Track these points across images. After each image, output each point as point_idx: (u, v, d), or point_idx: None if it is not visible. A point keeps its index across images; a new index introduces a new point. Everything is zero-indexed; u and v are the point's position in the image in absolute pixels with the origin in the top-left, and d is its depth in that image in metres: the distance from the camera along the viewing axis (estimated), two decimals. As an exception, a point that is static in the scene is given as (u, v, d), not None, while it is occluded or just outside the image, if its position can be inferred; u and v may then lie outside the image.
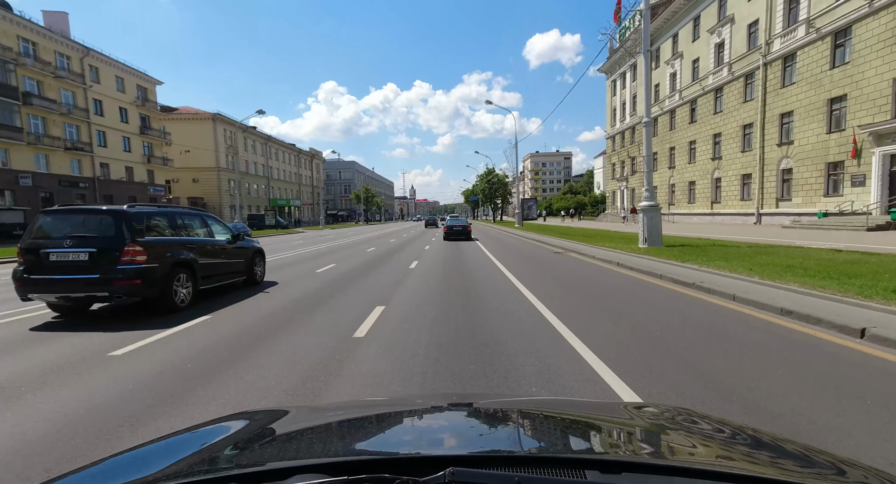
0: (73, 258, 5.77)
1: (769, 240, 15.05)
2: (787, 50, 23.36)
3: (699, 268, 8.86)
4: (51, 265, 5.75)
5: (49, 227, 6.03)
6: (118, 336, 5.07)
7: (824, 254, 10.28)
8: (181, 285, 6.53)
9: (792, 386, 3.23)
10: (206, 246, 7.48)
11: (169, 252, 6.45)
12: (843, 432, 2.55)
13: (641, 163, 41.67)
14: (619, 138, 47.84)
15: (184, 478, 0.72)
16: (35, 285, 5.77)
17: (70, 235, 5.85)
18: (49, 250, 5.77)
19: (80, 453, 2.49)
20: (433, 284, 8.83)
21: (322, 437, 1.06)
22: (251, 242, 9.07)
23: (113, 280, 5.71)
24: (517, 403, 1.51)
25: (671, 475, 0.69)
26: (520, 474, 0.66)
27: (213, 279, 7.50)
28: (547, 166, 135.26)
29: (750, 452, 0.91)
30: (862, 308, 5.10)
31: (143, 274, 5.89)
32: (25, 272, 5.81)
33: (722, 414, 2.35)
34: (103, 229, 5.96)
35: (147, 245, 6.09)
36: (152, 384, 3.56)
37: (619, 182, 47.95)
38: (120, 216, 6.01)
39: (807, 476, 0.80)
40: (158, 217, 6.71)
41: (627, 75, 44.29)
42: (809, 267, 7.97)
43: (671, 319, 5.40)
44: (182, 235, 7.02)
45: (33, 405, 3.21)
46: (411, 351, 4.29)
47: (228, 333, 5.15)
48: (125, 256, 5.83)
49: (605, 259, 12.17)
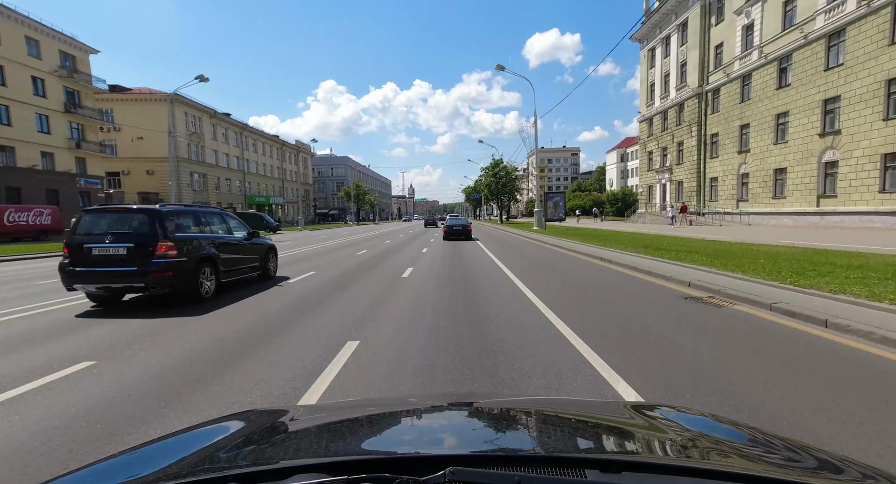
0: (113, 252, 6.40)
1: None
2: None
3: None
4: (93, 259, 6.36)
5: (90, 224, 6.62)
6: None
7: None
8: (206, 278, 7.10)
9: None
10: (227, 242, 7.97)
11: (195, 247, 7.01)
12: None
13: (693, 149, 32.85)
14: (658, 120, 38.94)
15: (184, 478, 0.73)
16: (79, 277, 6.34)
17: (110, 232, 6.50)
18: (91, 245, 6.40)
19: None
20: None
21: (322, 436, 1.06)
22: (265, 240, 9.49)
23: (148, 272, 6.30)
24: (517, 402, 1.55)
25: (671, 474, 0.69)
26: (520, 474, 0.66)
27: (233, 273, 8.01)
28: (553, 163, 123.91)
29: (750, 452, 0.91)
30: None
31: (173, 267, 6.46)
32: (70, 265, 6.38)
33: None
34: (139, 226, 6.57)
35: (177, 241, 6.64)
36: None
37: (660, 174, 39.04)
38: (154, 215, 6.64)
39: (807, 475, 0.80)
40: (185, 215, 7.32)
41: (673, 40, 35.41)
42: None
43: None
44: (205, 232, 7.56)
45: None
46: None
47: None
48: (158, 251, 6.42)
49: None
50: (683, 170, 34.94)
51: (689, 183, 34.00)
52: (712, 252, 11.11)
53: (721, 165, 30.37)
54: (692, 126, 33.03)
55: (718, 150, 30.77)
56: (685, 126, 34.06)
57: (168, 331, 5.15)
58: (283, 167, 70.42)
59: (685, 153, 34.47)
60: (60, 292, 7.15)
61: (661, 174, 38.70)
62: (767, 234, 17.91)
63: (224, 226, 8.20)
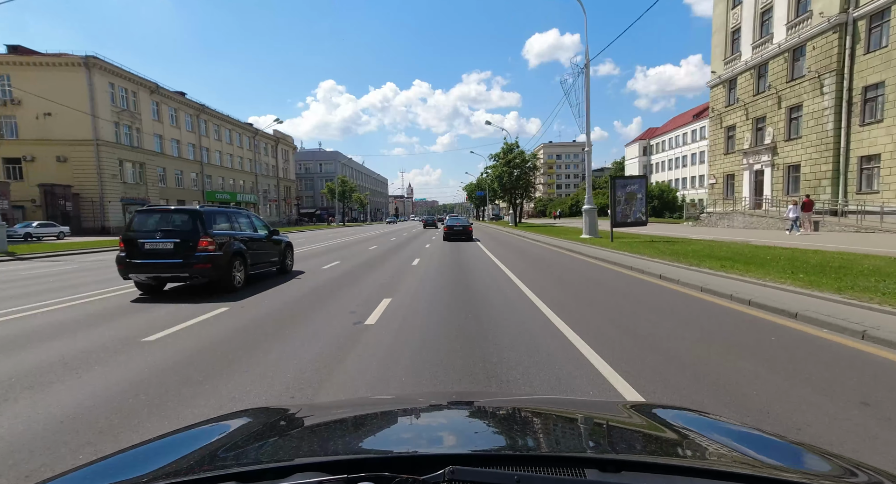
0: (163, 247, 7.37)
1: None
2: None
3: None
4: (145, 252, 7.35)
5: (142, 222, 7.66)
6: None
7: None
8: (237, 270, 8.02)
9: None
10: (253, 239, 8.90)
11: (229, 243, 7.94)
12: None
13: (824, 113, 21.27)
14: (748, 79, 27.22)
15: (183, 476, 0.72)
16: (134, 268, 7.31)
17: (159, 229, 7.51)
18: (143, 240, 7.37)
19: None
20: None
21: (322, 435, 1.06)
22: (283, 237, 10.36)
23: (192, 264, 7.25)
24: (517, 401, 1.53)
25: (671, 474, 0.69)
26: (520, 473, 0.65)
27: (258, 267, 8.91)
28: (562, 158, 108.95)
29: (750, 452, 0.88)
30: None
31: (212, 260, 7.41)
32: (126, 257, 7.34)
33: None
34: (183, 224, 7.56)
35: (215, 237, 7.62)
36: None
37: (751, 156, 27.34)
38: (195, 214, 7.66)
39: (807, 476, 0.79)
40: (220, 215, 8.34)
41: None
42: None
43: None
44: (236, 230, 8.49)
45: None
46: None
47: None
48: (200, 246, 7.38)
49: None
50: (801, 147, 23.35)
51: (815, 166, 22.42)
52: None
53: (887, 135, 18.84)
54: (823, 77, 21.47)
55: (881, 111, 19.23)
56: (808, 79, 22.45)
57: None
58: (257, 160, 59.52)
59: (806, 121, 22.86)
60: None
61: (755, 156, 27.04)
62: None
63: (250, 224, 9.18)
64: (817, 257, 9.53)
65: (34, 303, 6.87)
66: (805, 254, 10.35)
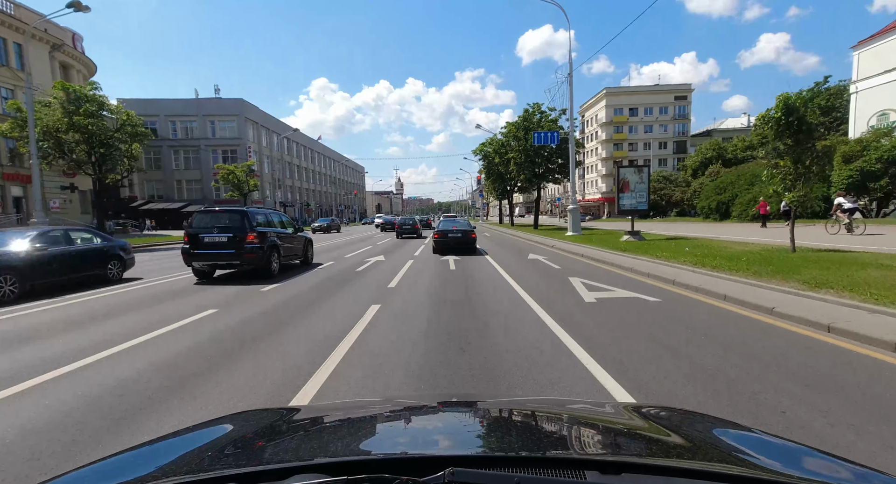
0: (218, 240, 9.33)
1: None
2: None
3: None
4: (205, 244, 9.34)
5: (201, 220, 9.69)
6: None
7: None
8: (274, 260, 10.01)
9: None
10: (283, 234, 10.83)
11: (268, 237, 9.88)
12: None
13: None
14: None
15: (182, 477, 0.72)
16: (196, 257, 9.42)
17: (215, 225, 9.48)
18: (203, 235, 9.37)
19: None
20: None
21: (322, 437, 1.05)
22: (305, 234, 12.48)
23: (242, 254, 9.27)
24: (517, 403, 1.54)
25: (670, 476, 0.68)
26: (519, 475, 0.66)
27: (287, 258, 10.95)
28: (637, 115, 68.35)
29: (749, 453, 0.89)
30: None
31: (256, 251, 9.39)
32: (190, 248, 9.37)
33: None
34: (234, 222, 9.47)
35: (258, 233, 9.53)
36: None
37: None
38: (244, 214, 9.64)
39: (807, 476, 0.78)
40: (260, 214, 10.27)
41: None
42: None
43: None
44: (271, 227, 10.34)
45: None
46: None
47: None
48: (248, 239, 9.29)
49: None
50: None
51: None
52: None
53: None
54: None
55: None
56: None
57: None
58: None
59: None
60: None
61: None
62: None
63: (280, 222, 11.09)
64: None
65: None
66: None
